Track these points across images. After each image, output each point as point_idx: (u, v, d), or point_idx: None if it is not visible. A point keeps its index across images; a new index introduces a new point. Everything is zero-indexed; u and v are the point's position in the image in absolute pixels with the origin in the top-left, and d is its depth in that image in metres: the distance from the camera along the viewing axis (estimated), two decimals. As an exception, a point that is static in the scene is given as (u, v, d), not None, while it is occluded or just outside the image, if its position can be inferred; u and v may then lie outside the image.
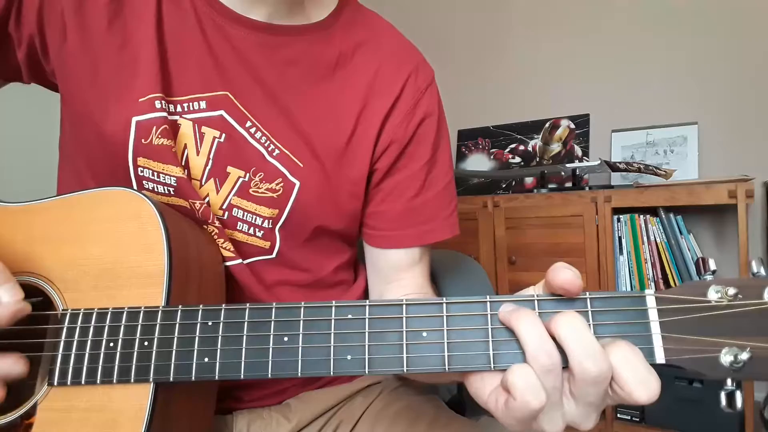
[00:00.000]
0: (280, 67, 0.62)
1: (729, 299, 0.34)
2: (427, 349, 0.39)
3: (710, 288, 0.34)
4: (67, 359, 0.48)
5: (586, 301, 0.38)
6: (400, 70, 0.67)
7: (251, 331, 0.44)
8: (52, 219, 0.54)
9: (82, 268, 0.52)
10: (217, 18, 0.60)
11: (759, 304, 0.33)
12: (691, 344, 0.34)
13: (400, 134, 0.65)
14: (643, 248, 1.88)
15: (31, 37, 0.59)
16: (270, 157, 0.61)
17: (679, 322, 0.35)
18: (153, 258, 0.51)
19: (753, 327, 0.34)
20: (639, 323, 0.37)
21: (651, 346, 0.36)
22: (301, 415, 0.67)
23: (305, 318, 0.43)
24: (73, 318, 0.49)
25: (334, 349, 0.41)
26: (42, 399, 0.49)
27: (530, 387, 0.35)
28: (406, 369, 0.39)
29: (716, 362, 0.33)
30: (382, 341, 0.41)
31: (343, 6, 0.68)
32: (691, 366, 0.34)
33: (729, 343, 0.33)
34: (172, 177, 0.58)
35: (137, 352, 0.47)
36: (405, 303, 0.41)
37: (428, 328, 0.40)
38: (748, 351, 0.33)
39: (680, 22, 2.14)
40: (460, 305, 0.40)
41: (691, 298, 0.35)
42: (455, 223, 0.71)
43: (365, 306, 0.42)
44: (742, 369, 0.33)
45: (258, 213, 0.62)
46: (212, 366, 0.45)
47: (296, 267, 0.66)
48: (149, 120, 0.56)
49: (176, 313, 0.47)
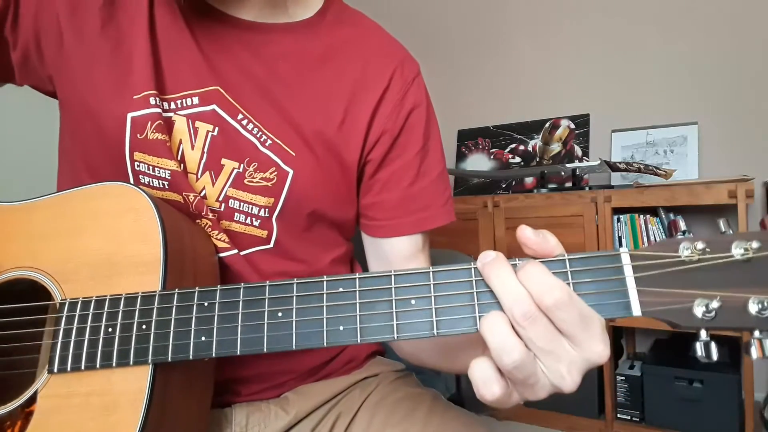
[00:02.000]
0: (268, 62, 0.64)
1: (699, 254, 0.35)
2: (416, 316, 0.41)
3: (681, 245, 0.36)
4: (67, 346, 0.49)
5: (565, 262, 0.39)
6: (387, 64, 0.69)
7: (246, 308, 0.46)
8: (50, 215, 0.56)
9: (79, 260, 0.53)
10: (205, 20, 0.63)
11: (726, 257, 0.35)
12: (664, 296, 0.35)
13: (391, 124, 0.67)
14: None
15: (26, 41, 0.61)
16: (263, 147, 0.62)
17: (652, 277, 0.37)
18: (149, 247, 0.52)
19: (722, 279, 0.35)
20: (615, 279, 0.38)
21: (627, 299, 0.37)
22: (299, 407, 0.68)
23: (298, 293, 0.44)
24: (72, 306, 0.50)
25: (326, 321, 0.43)
26: (42, 387, 0.50)
27: (501, 341, 0.38)
28: (396, 336, 0.40)
29: (690, 313, 0.35)
30: (373, 311, 0.42)
31: (328, 6, 0.70)
32: (665, 317, 0.35)
33: (700, 294, 0.35)
34: (167, 170, 0.59)
35: (135, 335, 0.48)
36: (393, 273, 0.42)
37: (416, 296, 0.41)
38: (718, 300, 0.34)
39: (680, 23, 2.16)
40: (447, 272, 0.41)
41: (664, 254, 0.36)
42: (451, 210, 0.73)
43: (355, 278, 0.43)
44: (714, 318, 0.35)
45: (254, 202, 0.63)
46: (209, 344, 0.46)
47: (293, 258, 0.68)
48: (144, 116, 0.58)
49: (173, 296, 0.48)
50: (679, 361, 1.81)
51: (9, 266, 0.55)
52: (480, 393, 0.38)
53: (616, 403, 1.91)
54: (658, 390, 1.81)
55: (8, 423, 0.50)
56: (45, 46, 0.61)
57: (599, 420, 1.91)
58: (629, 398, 1.89)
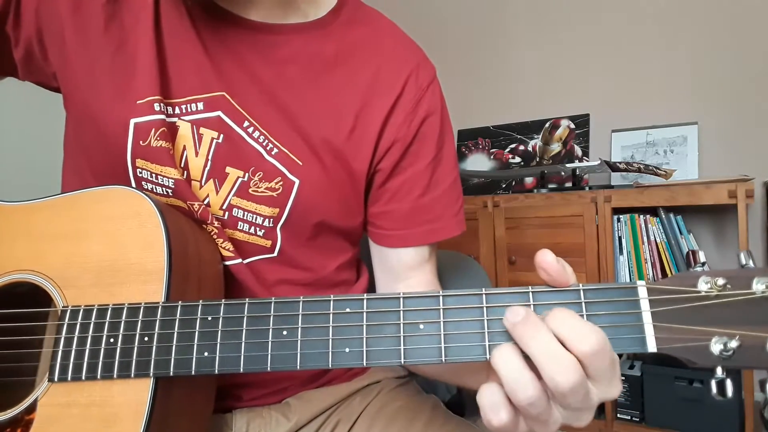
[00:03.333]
0: (277, 65, 0.62)
1: (718, 289, 0.35)
2: (424, 341, 0.40)
3: (700, 279, 0.35)
4: (68, 355, 0.48)
5: (579, 293, 0.38)
6: (401, 69, 0.66)
7: (250, 325, 0.45)
8: (53, 217, 0.55)
9: (82, 266, 0.52)
10: (212, 20, 0.60)
11: (747, 294, 0.34)
12: (681, 333, 0.35)
13: (403, 133, 0.65)
14: (643, 248, 1.88)
15: (29, 38, 0.60)
16: (268, 156, 0.61)
17: (669, 312, 0.36)
18: (153, 255, 0.51)
19: (741, 316, 0.34)
20: (631, 313, 0.37)
21: (643, 335, 0.36)
22: (301, 414, 0.67)
23: (304, 312, 0.44)
24: (74, 314, 0.50)
25: (332, 342, 0.42)
26: (42, 395, 0.49)
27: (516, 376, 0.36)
28: (403, 361, 0.40)
29: (706, 351, 0.34)
30: (380, 334, 0.41)
31: (343, 4, 0.67)
32: (682, 354, 0.34)
33: (718, 332, 0.34)
34: (170, 179, 0.58)
35: (137, 347, 0.47)
36: (402, 296, 0.41)
37: (425, 321, 0.40)
38: (737, 339, 0.33)
39: (680, 22, 2.14)
40: (457, 298, 0.40)
41: (682, 289, 0.35)
42: (462, 220, 0.71)
43: (363, 300, 0.42)
44: (732, 357, 0.34)
45: (258, 212, 0.62)
46: (212, 360, 0.45)
47: (298, 266, 0.66)
48: (148, 122, 0.56)
49: (176, 309, 0.47)
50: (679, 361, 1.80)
51: (10, 268, 0.54)
52: (487, 418, 0.38)
53: (616, 403, 1.92)
54: (658, 390, 1.81)
55: (8, 430, 0.50)
56: (48, 43, 0.60)
57: (599, 420, 1.92)
58: (629, 398, 1.89)
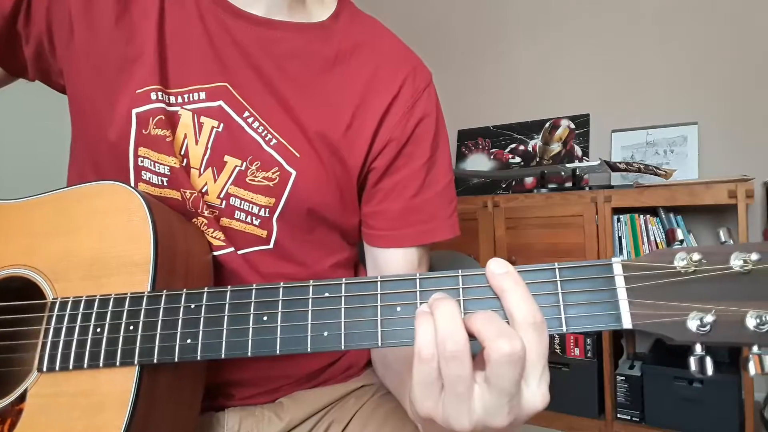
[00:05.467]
0: (278, 60, 0.63)
1: (694, 265, 0.34)
2: (401, 323, 0.40)
3: (677, 255, 0.35)
4: (56, 345, 0.49)
5: (555, 271, 0.38)
6: (398, 71, 0.68)
7: (232, 311, 0.45)
8: (45, 213, 0.57)
9: (72, 260, 0.54)
10: (219, 12, 0.62)
11: (724, 269, 0.34)
12: (657, 309, 0.34)
13: (398, 133, 0.66)
14: (643, 248, 1.87)
15: (39, 35, 0.61)
16: (267, 146, 0.62)
17: (645, 289, 0.35)
18: (140, 247, 0.52)
19: (718, 292, 0.34)
20: (606, 290, 0.37)
21: (618, 311, 0.36)
22: (294, 414, 0.67)
23: (284, 297, 0.44)
24: (62, 306, 0.51)
25: (311, 327, 0.42)
26: (32, 385, 0.50)
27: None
28: (380, 342, 0.40)
29: (683, 326, 0.34)
30: (358, 317, 0.41)
31: (341, 9, 0.69)
32: (658, 330, 0.34)
33: (695, 307, 0.34)
34: (166, 167, 0.59)
35: (123, 336, 0.48)
36: (380, 279, 0.41)
37: (402, 302, 0.40)
38: (713, 314, 0.33)
39: (680, 22, 2.14)
40: (434, 280, 0.40)
41: (658, 265, 0.35)
42: (455, 223, 0.71)
43: (341, 284, 0.42)
44: (709, 333, 0.33)
45: (254, 201, 0.62)
46: (194, 347, 0.45)
47: (293, 260, 0.66)
48: (146, 111, 0.58)
49: (161, 298, 0.48)
50: (679, 361, 1.80)
51: (5, 263, 0.56)
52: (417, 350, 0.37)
53: (616, 403, 1.91)
54: (658, 390, 1.81)
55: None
56: (57, 39, 0.61)
57: (599, 420, 1.91)
58: (629, 398, 1.88)
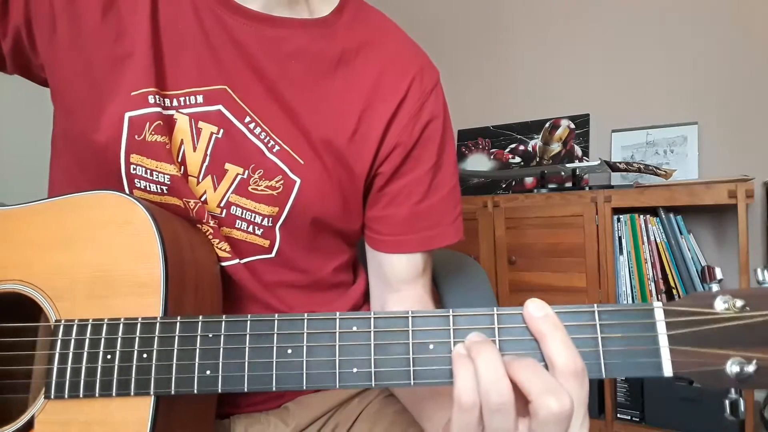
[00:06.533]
0: (281, 61, 0.60)
1: (736, 311, 0.34)
2: (435, 362, 0.39)
3: (717, 299, 0.34)
4: (63, 372, 0.47)
5: (594, 314, 0.37)
6: (405, 72, 0.65)
7: (253, 343, 0.44)
8: (41, 224, 0.53)
9: (73, 276, 0.50)
10: (214, 7, 0.58)
11: (765, 316, 0.33)
12: (698, 357, 0.34)
13: (406, 137, 0.64)
14: (643, 248, 1.87)
15: (17, 29, 0.57)
16: (270, 153, 0.59)
17: (686, 335, 0.35)
18: (148, 266, 0.49)
19: (759, 338, 0.33)
20: (647, 336, 0.36)
21: (659, 359, 0.35)
22: (299, 418, 0.67)
23: (309, 330, 0.42)
24: (67, 330, 0.48)
25: (339, 363, 0.41)
26: (39, 412, 0.48)
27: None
28: (413, 382, 0.39)
29: (722, 374, 0.33)
30: (388, 354, 0.40)
31: (345, 3, 0.66)
32: (698, 378, 0.34)
33: (735, 354, 0.33)
34: (166, 175, 0.56)
35: (136, 365, 0.45)
36: (411, 315, 0.40)
37: (435, 340, 0.39)
38: (754, 363, 0.32)
39: (680, 22, 2.13)
40: (467, 317, 0.39)
41: (699, 311, 0.34)
42: (460, 227, 0.70)
43: (370, 318, 0.41)
44: (747, 380, 0.33)
45: (257, 211, 0.60)
46: (215, 379, 0.44)
47: (295, 267, 0.65)
48: (142, 116, 0.55)
49: (175, 325, 0.46)
50: (689, 377, 1.81)
51: (0, 278, 0.52)
52: (457, 395, 0.36)
53: (616, 403, 1.91)
54: (658, 390, 1.81)
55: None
56: (37, 33, 0.57)
57: (599, 420, 1.92)
58: (629, 398, 1.89)
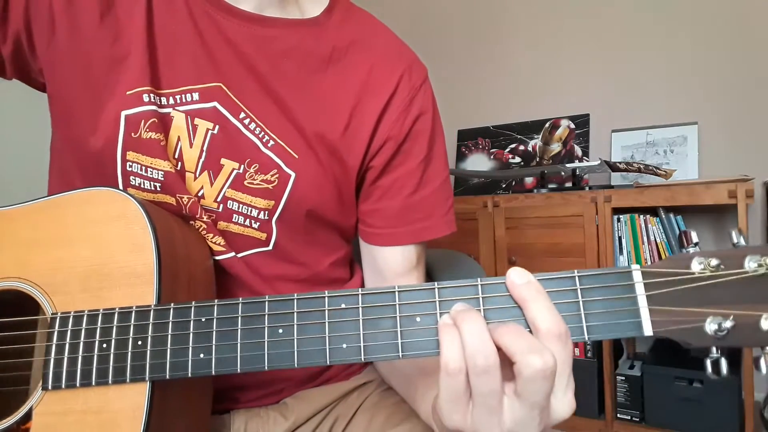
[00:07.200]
0: (273, 59, 0.62)
1: (711, 270, 0.34)
2: (422, 334, 0.40)
3: (693, 260, 0.35)
4: (60, 363, 0.48)
5: (575, 279, 0.38)
6: (394, 68, 0.67)
7: (245, 324, 0.44)
8: (36, 222, 0.54)
9: (69, 271, 0.51)
10: (208, 9, 0.60)
11: (740, 273, 0.34)
12: (677, 315, 0.35)
13: (396, 131, 0.66)
14: (643, 248, 1.87)
15: (17, 33, 0.58)
16: (264, 148, 0.61)
17: (664, 295, 0.36)
18: (142, 258, 0.50)
19: (735, 295, 0.34)
20: (627, 298, 0.37)
21: (639, 319, 0.36)
22: (299, 413, 0.67)
23: (299, 310, 0.43)
24: (63, 321, 0.49)
25: (329, 339, 0.42)
26: (37, 403, 0.49)
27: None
28: (401, 354, 0.39)
29: (701, 331, 0.34)
30: (377, 328, 0.41)
31: (334, 4, 0.68)
32: (678, 336, 0.34)
33: (713, 312, 0.34)
34: (160, 171, 0.58)
35: (131, 352, 0.46)
36: (397, 290, 0.41)
37: (422, 313, 0.40)
38: (731, 319, 0.33)
39: (680, 22, 2.15)
40: (452, 289, 0.40)
41: (676, 271, 0.35)
42: (452, 220, 0.71)
43: (358, 295, 0.42)
44: (726, 336, 0.34)
45: (253, 205, 0.62)
46: (208, 362, 0.45)
47: (293, 261, 0.67)
48: (137, 114, 0.56)
49: (168, 311, 0.47)
50: (679, 361, 1.80)
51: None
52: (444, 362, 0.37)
53: (616, 403, 1.91)
54: (658, 390, 1.81)
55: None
56: (36, 37, 0.58)
57: (599, 420, 1.91)
58: (629, 398, 1.88)
